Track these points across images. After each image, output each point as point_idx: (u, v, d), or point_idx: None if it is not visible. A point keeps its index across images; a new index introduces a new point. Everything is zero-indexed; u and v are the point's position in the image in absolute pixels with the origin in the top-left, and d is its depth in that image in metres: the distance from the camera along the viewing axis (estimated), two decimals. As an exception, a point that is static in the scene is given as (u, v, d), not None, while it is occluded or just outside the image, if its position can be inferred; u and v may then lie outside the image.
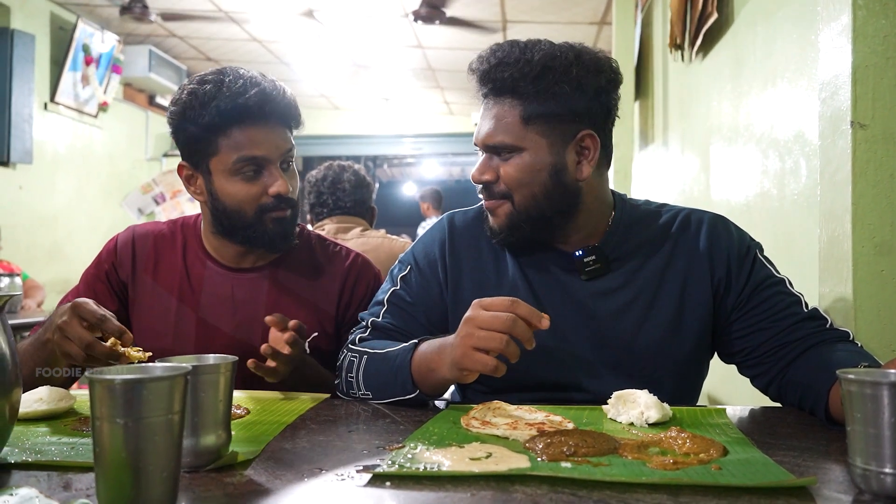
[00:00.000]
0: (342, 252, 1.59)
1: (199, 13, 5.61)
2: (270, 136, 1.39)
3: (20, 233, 5.08)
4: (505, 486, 0.75)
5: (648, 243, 1.31)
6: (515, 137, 1.23)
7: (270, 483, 0.78)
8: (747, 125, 2.26)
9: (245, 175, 1.39)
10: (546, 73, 1.21)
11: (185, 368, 0.72)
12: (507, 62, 1.23)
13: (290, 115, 1.43)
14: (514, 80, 1.22)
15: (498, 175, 1.25)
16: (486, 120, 1.26)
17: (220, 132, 1.37)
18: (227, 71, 1.41)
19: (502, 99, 1.24)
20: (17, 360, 0.86)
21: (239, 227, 1.43)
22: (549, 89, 1.21)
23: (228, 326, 1.47)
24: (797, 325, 1.22)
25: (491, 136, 1.25)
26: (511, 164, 1.24)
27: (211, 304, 1.48)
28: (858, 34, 1.34)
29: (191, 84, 1.40)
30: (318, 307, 1.51)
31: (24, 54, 4.94)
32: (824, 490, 0.75)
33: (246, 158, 1.37)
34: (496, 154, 1.26)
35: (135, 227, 1.57)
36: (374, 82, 7.73)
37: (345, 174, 2.72)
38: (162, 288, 1.49)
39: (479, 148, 1.28)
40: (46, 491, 0.73)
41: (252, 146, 1.37)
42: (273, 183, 1.39)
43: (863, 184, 1.34)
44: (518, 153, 1.23)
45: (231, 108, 1.35)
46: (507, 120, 1.23)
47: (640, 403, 1.04)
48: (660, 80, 3.70)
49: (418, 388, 1.16)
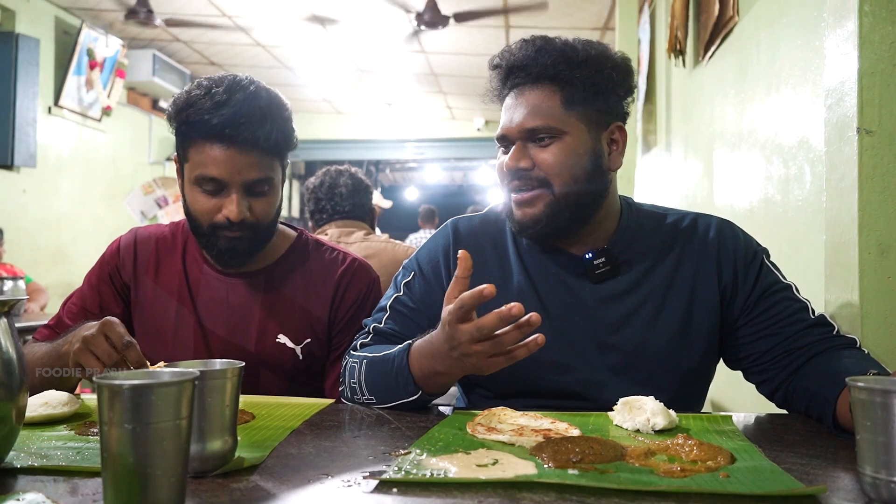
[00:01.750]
0: (339, 257, 1.57)
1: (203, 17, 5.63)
2: (234, 159, 1.33)
3: (24, 236, 5.09)
4: (512, 494, 0.75)
5: (655, 247, 1.31)
6: (558, 121, 1.23)
7: (277, 489, 0.78)
8: (751, 131, 2.26)
9: (205, 190, 1.37)
10: (588, 62, 1.24)
11: (192, 374, 0.72)
12: (548, 49, 1.24)
13: (270, 143, 1.36)
14: (557, 65, 1.23)
15: (534, 163, 1.24)
16: (519, 108, 1.25)
17: (189, 142, 1.37)
18: (223, 82, 1.37)
19: (540, 86, 1.25)
20: (23, 364, 0.85)
21: (197, 234, 1.43)
22: (592, 76, 1.24)
23: (223, 330, 1.47)
24: (804, 331, 1.22)
25: (530, 120, 1.23)
26: (551, 150, 1.23)
27: (207, 307, 1.48)
28: (865, 40, 1.33)
29: (190, 85, 1.40)
30: (311, 313, 1.50)
31: (29, 58, 4.96)
32: (833, 499, 0.75)
33: (203, 177, 1.35)
34: (531, 141, 1.25)
35: (137, 230, 1.57)
36: (376, 87, 7.75)
37: (341, 178, 2.72)
38: (162, 290, 1.49)
39: (512, 136, 1.26)
40: (53, 496, 0.73)
41: (211, 166, 1.34)
42: (226, 206, 1.36)
43: (869, 190, 1.33)
44: (559, 137, 1.23)
45: (196, 123, 1.34)
46: (547, 104, 1.24)
47: (647, 410, 1.03)
48: (663, 84, 3.70)
49: (421, 389, 1.16)
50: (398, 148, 9.73)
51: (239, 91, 1.36)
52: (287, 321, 1.48)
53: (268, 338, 1.47)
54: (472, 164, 11.98)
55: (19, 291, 3.75)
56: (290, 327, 1.48)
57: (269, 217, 1.42)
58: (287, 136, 1.41)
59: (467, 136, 9.32)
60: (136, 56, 6.23)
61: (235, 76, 1.40)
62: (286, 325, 1.48)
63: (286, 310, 1.49)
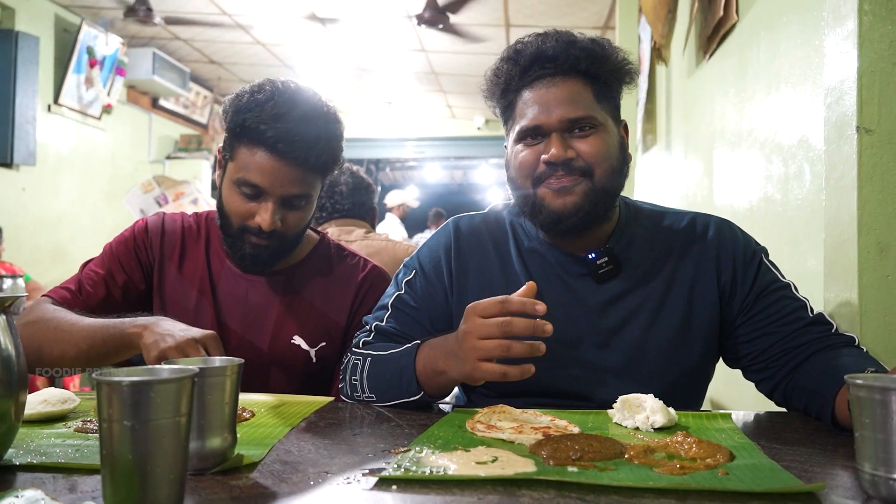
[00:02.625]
0: (359, 263, 1.59)
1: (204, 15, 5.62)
2: (279, 172, 1.36)
3: (23, 234, 5.09)
4: (512, 491, 0.75)
5: (654, 247, 1.31)
6: (596, 112, 1.25)
7: (276, 486, 0.78)
8: (751, 130, 2.26)
9: (243, 192, 1.38)
10: (611, 59, 1.27)
11: (192, 371, 0.72)
12: (578, 44, 1.26)
13: (318, 164, 1.39)
14: (589, 59, 1.25)
15: (576, 152, 1.24)
16: (553, 99, 1.24)
17: (239, 143, 1.38)
18: (286, 91, 1.38)
19: (572, 78, 1.25)
20: (23, 362, 0.85)
21: (225, 233, 1.45)
22: (615, 72, 1.28)
23: (239, 327, 1.48)
24: (803, 329, 1.22)
25: (572, 110, 1.24)
26: (591, 140, 1.24)
27: (226, 302, 1.49)
28: (864, 39, 1.33)
29: (253, 86, 1.41)
30: (328, 316, 1.51)
31: (29, 56, 4.96)
32: (832, 496, 0.75)
33: (245, 181, 1.37)
34: (569, 132, 1.25)
35: (164, 214, 1.58)
36: (377, 86, 7.75)
37: (341, 177, 2.71)
38: (185, 279, 1.50)
39: (553, 127, 1.23)
40: (52, 493, 0.73)
41: (255, 172, 1.36)
42: (260, 214, 1.37)
43: (868, 189, 1.33)
44: (598, 129, 1.25)
45: (253, 129, 1.35)
46: (584, 96, 1.25)
47: (646, 408, 1.03)
48: (663, 83, 3.70)
49: (423, 390, 1.16)
50: (398, 146, 9.73)
51: (301, 105, 1.37)
52: (304, 323, 1.49)
53: (283, 338, 1.47)
54: (473, 162, 11.98)
55: (18, 290, 3.75)
56: (307, 329, 1.49)
57: (297, 229, 1.45)
58: (335, 158, 1.43)
59: (467, 134, 9.31)
60: (135, 54, 6.22)
61: (300, 87, 1.42)
62: (303, 326, 1.49)
63: (304, 312, 1.50)
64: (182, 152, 7.30)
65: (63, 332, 1.30)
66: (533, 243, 1.34)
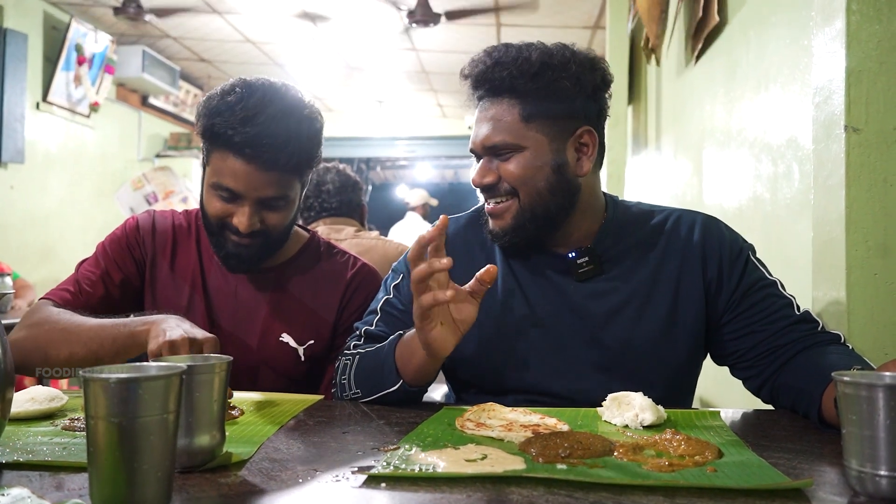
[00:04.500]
0: (349, 261, 1.58)
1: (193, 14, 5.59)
2: (251, 176, 1.33)
3: (11, 233, 5.05)
4: (501, 488, 0.75)
5: (641, 244, 1.31)
6: (516, 136, 1.23)
7: (265, 484, 0.78)
8: (740, 129, 2.27)
9: (220, 196, 1.37)
10: (545, 70, 1.22)
11: (180, 368, 0.72)
12: (504, 62, 1.23)
13: (290, 165, 1.35)
14: (513, 78, 1.22)
15: (499, 176, 1.25)
16: (482, 123, 1.26)
17: (212, 148, 1.37)
18: (255, 92, 1.35)
19: (500, 99, 1.24)
20: (10, 360, 0.85)
21: (208, 232, 1.44)
22: (548, 86, 1.22)
23: (228, 324, 1.47)
24: (789, 327, 1.22)
25: (490, 137, 1.24)
26: (512, 163, 1.24)
27: (216, 298, 1.49)
28: (852, 39, 1.34)
29: (224, 88, 1.38)
30: (317, 315, 1.50)
31: (17, 53, 4.92)
32: (819, 492, 0.75)
33: (220, 185, 1.35)
34: (495, 155, 1.25)
35: (154, 211, 1.57)
36: (367, 84, 7.73)
37: (328, 175, 2.70)
38: (178, 275, 1.49)
39: (478, 152, 1.27)
40: (39, 491, 0.73)
41: (229, 177, 1.34)
42: (238, 217, 1.36)
43: (856, 188, 1.34)
44: (519, 152, 1.23)
45: (222, 134, 1.33)
46: (506, 119, 1.23)
47: (635, 406, 1.04)
48: (653, 84, 3.71)
49: (402, 378, 1.16)
50: (389, 146, 9.70)
51: (270, 106, 1.33)
52: (292, 321, 1.49)
53: (271, 336, 1.46)
54: (463, 162, 11.94)
55: (6, 287, 3.72)
56: (295, 327, 1.48)
57: (280, 228, 1.42)
58: (310, 157, 1.40)
59: (458, 134, 9.29)
60: (125, 52, 6.18)
61: (273, 84, 1.38)
62: (291, 324, 1.48)
63: (293, 310, 1.49)
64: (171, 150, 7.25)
65: (71, 333, 1.29)
66: None
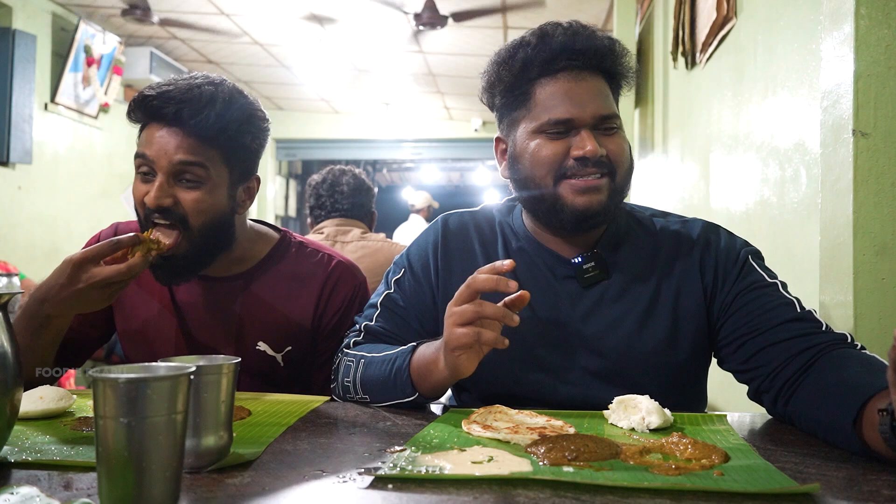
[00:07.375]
0: (323, 260, 1.51)
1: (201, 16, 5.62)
2: (164, 139, 1.28)
3: (19, 233, 5.08)
4: (507, 490, 0.75)
5: (642, 252, 1.29)
6: (617, 112, 1.25)
7: (272, 484, 0.78)
8: (748, 133, 2.27)
9: (141, 173, 1.32)
10: (625, 58, 1.26)
11: (188, 368, 0.72)
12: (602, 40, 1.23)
13: (202, 126, 1.28)
14: (611, 57, 1.24)
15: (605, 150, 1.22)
16: (585, 93, 1.20)
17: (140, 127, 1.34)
18: (192, 76, 1.33)
19: (594, 74, 1.23)
20: (19, 358, 0.85)
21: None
22: (624, 75, 1.27)
23: (203, 335, 1.44)
24: (784, 325, 1.15)
25: (604, 107, 1.21)
26: (616, 140, 1.23)
27: (187, 310, 1.44)
28: (861, 43, 1.34)
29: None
30: (292, 319, 1.45)
31: (26, 54, 4.95)
32: (827, 497, 0.75)
33: (139, 156, 1.31)
34: (596, 129, 1.21)
35: (118, 224, 1.53)
36: (374, 87, 7.74)
37: (343, 177, 2.78)
38: (144, 290, 1.45)
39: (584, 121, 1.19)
40: (47, 490, 0.73)
41: (145, 144, 1.30)
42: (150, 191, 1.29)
43: (864, 192, 1.34)
44: (620, 129, 1.24)
45: (142, 101, 1.30)
46: (607, 94, 1.24)
47: (642, 409, 1.03)
48: (660, 87, 3.71)
49: (418, 391, 1.16)
50: (395, 148, 9.72)
51: (197, 83, 1.31)
52: (267, 328, 1.44)
53: (247, 344, 1.43)
54: (470, 164, 11.98)
55: (14, 288, 3.73)
56: (270, 335, 1.43)
57: (199, 217, 1.31)
58: (226, 129, 1.30)
59: (465, 136, 9.30)
60: (133, 53, 6.21)
61: (221, 78, 1.36)
62: (266, 332, 1.43)
63: (266, 317, 1.44)
64: (179, 152, 7.28)
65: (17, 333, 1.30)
66: (521, 244, 1.32)
